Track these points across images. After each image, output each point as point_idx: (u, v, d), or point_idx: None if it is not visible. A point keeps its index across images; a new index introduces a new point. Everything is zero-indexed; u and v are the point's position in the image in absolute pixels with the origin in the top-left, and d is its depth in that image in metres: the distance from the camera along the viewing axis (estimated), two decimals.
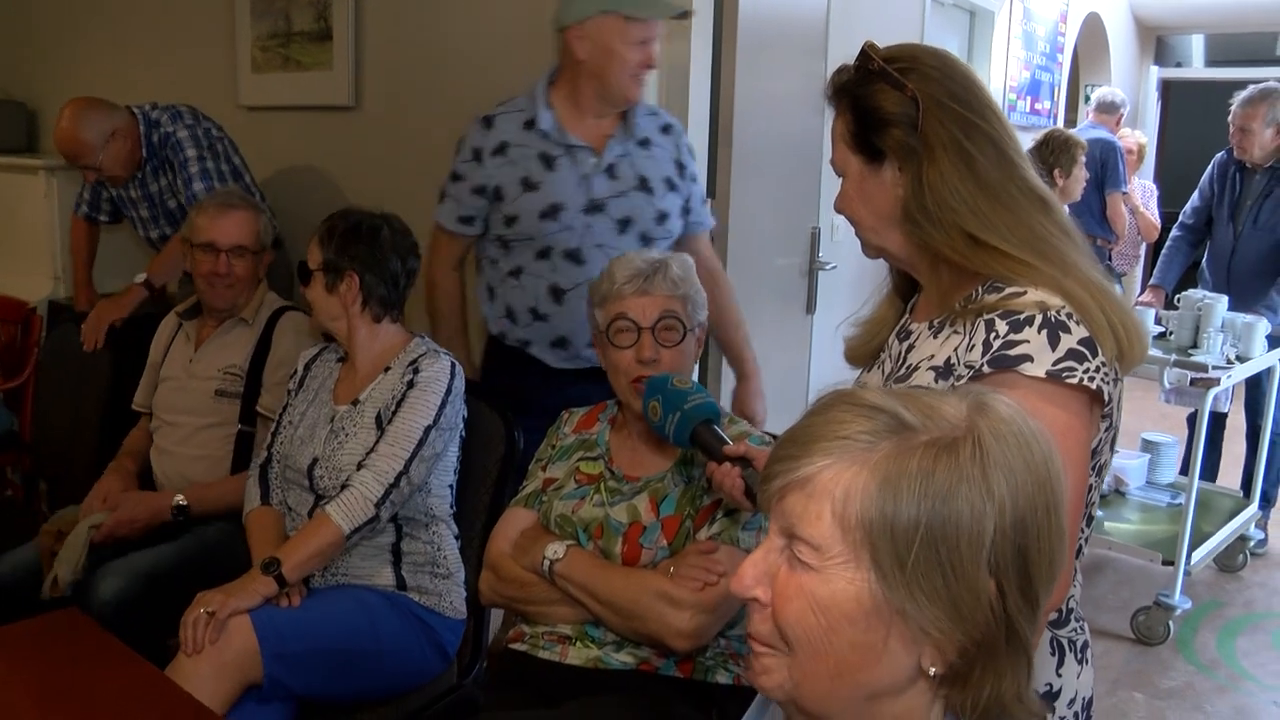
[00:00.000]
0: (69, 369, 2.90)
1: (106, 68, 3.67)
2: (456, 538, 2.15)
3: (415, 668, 2.03)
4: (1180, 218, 4.38)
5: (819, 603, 0.82)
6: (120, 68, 3.30)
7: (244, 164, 3.20)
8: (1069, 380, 1.12)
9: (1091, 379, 1.12)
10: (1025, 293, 1.16)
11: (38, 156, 4.18)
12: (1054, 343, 1.12)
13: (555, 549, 1.72)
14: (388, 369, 2.09)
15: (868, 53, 1.24)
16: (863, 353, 1.40)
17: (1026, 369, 1.12)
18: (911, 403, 0.84)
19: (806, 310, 3.41)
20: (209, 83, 3.64)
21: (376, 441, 1.99)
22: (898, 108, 1.20)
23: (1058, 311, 1.14)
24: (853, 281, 3.50)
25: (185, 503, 2.31)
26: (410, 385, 2.02)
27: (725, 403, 2.52)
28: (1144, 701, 2.99)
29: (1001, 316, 1.15)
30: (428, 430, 1.99)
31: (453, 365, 2.08)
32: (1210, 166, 4.26)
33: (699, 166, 2.71)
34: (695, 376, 2.54)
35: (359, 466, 1.96)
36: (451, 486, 2.14)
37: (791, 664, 0.85)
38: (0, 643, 1.52)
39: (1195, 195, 4.31)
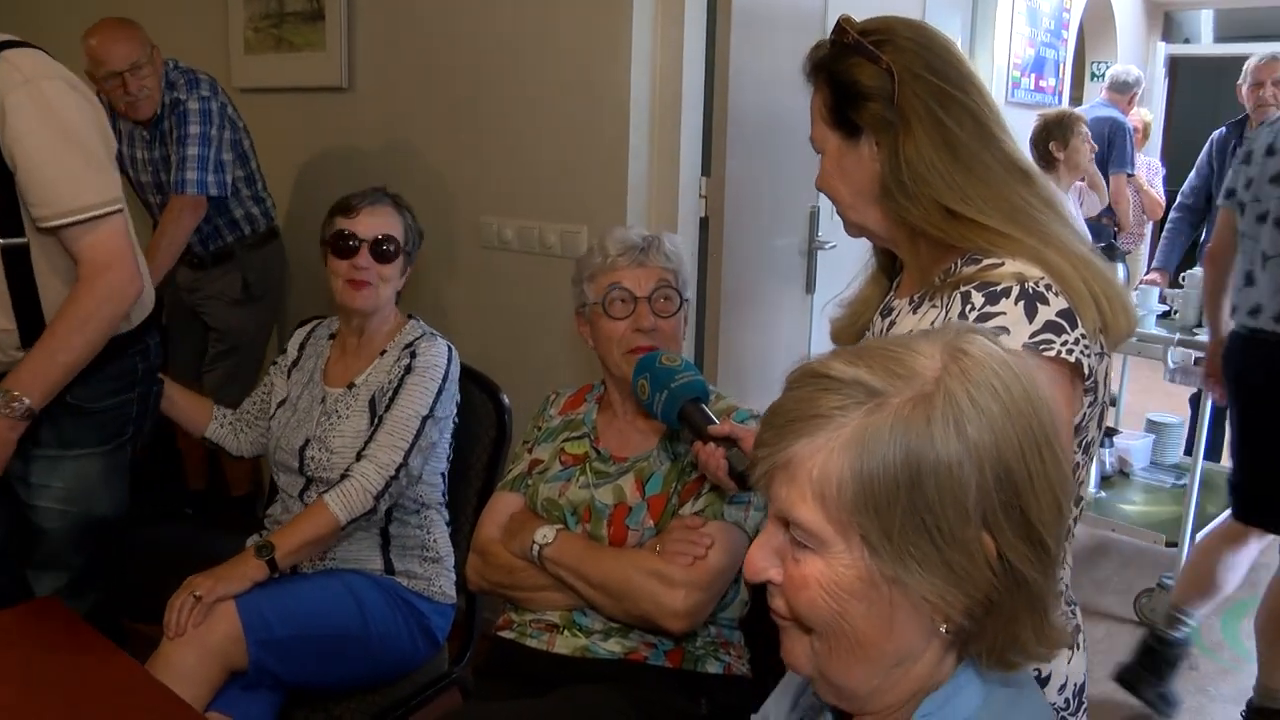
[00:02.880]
0: None
1: None
2: (448, 524, 2.13)
3: (404, 653, 2.00)
4: (1179, 198, 4.32)
5: (826, 586, 0.82)
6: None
7: (252, 147, 3.15)
8: (1046, 353, 1.09)
9: (1070, 351, 1.10)
10: (1003, 264, 1.14)
11: None
12: (1031, 314, 1.10)
13: (544, 533, 1.70)
14: (384, 352, 2.07)
15: (843, 26, 1.23)
16: (848, 333, 1.39)
17: (1003, 341, 1.09)
18: (879, 363, 0.82)
19: (806, 290, 3.37)
20: (203, 65, 3.58)
21: (375, 430, 1.96)
22: (873, 81, 1.19)
23: (1035, 283, 1.11)
24: (852, 261, 3.40)
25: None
26: (407, 370, 2.00)
27: (720, 384, 2.49)
28: None
29: (978, 288, 1.13)
30: (424, 420, 1.97)
31: (449, 349, 2.06)
32: (1208, 144, 4.21)
33: (693, 145, 2.68)
34: (691, 357, 2.52)
35: (359, 456, 1.94)
36: (443, 475, 2.12)
37: (815, 643, 0.85)
38: None
39: (1193, 174, 4.26)
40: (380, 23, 3.10)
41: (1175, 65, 7.96)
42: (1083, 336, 1.11)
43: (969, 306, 1.12)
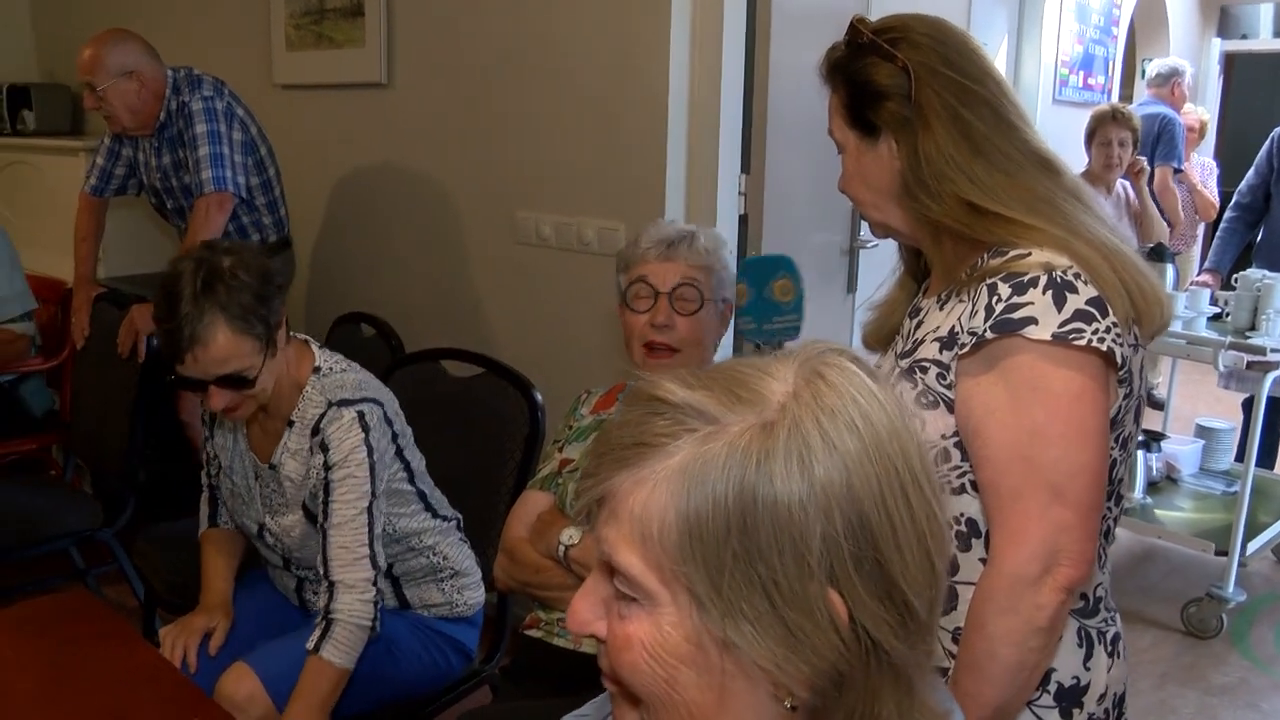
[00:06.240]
0: (105, 349, 2.91)
1: None
2: (459, 528, 2.05)
3: (439, 672, 1.99)
4: (1235, 197, 4.20)
5: (650, 649, 0.69)
6: (159, 50, 3.32)
7: (270, 154, 3.10)
8: (1076, 342, 1.06)
9: (1101, 340, 1.06)
10: (1029, 254, 1.11)
11: (81, 139, 4.22)
12: (1060, 303, 1.07)
13: (570, 534, 1.68)
14: (291, 423, 1.83)
15: (857, 26, 1.21)
16: (879, 336, 1.37)
17: (1031, 332, 1.06)
18: (721, 385, 0.70)
19: (847, 289, 3.34)
20: (245, 62, 3.64)
21: (324, 545, 1.75)
22: (890, 80, 1.18)
23: (1064, 271, 1.08)
24: (895, 260, 3.41)
25: None
26: (328, 468, 1.75)
27: None
28: (1195, 698, 2.89)
29: (1005, 279, 1.10)
30: (369, 509, 1.77)
31: (360, 415, 1.76)
32: (1268, 142, 4.09)
33: (732, 142, 2.65)
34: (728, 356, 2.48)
35: (330, 584, 1.74)
36: (425, 491, 1.98)
37: (644, 716, 0.72)
38: (7, 622, 1.51)
39: (1251, 173, 4.14)
40: (419, 19, 3.10)
41: (1231, 62, 7.78)
42: (1114, 325, 1.08)
43: (996, 298, 1.10)
